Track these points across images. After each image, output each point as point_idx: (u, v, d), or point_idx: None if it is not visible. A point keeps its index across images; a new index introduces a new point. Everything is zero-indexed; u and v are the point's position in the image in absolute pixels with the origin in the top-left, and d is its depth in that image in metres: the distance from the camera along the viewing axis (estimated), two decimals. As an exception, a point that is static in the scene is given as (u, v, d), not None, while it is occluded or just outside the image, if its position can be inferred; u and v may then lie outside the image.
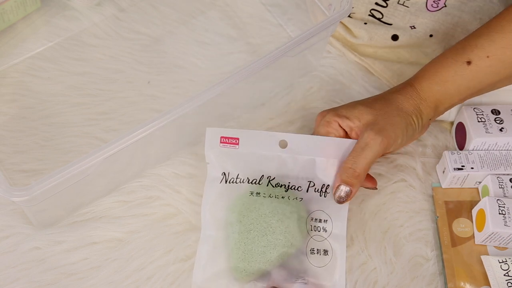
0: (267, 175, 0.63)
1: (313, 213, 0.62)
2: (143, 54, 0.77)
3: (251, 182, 0.63)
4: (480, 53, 0.62)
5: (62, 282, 0.62)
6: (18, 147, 0.69)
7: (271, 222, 0.60)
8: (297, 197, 0.62)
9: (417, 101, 0.64)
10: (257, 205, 0.61)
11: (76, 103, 0.73)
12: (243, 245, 0.60)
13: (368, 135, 0.61)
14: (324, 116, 0.65)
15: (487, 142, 0.68)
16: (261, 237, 0.60)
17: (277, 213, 0.61)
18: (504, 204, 0.63)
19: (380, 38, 0.77)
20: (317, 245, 0.61)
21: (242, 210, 0.61)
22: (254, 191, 0.62)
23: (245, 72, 0.63)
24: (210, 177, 0.63)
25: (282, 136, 0.63)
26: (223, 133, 0.63)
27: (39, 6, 0.79)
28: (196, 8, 0.82)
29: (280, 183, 0.63)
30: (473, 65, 0.62)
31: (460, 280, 0.63)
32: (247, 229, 0.60)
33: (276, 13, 0.82)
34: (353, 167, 0.61)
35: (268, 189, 0.62)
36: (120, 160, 0.63)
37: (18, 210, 0.65)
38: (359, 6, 0.75)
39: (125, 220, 0.65)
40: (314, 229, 0.62)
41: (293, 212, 0.61)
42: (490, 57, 0.62)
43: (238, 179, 0.63)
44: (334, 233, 0.62)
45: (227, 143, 0.63)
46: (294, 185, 0.63)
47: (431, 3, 0.73)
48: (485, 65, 0.62)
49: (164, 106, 0.73)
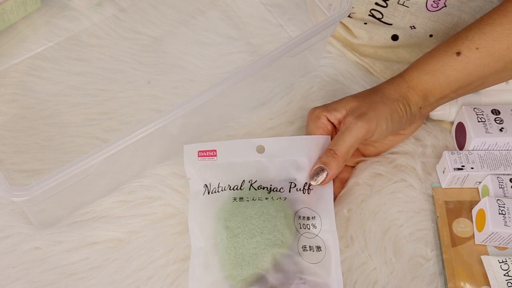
0: (248, 179, 0.64)
1: (299, 211, 0.63)
2: (143, 54, 0.77)
3: (233, 189, 0.63)
4: (470, 45, 0.63)
5: (62, 282, 0.62)
6: (18, 147, 0.69)
7: (257, 223, 0.61)
8: (280, 197, 0.63)
9: (405, 89, 0.65)
10: (241, 209, 0.62)
11: (76, 103, 0.73)
12: (234, 250, 0.60)
13: (349, 119, 0.63)
14: (314, 111, 0.67)
15: (487, 142, 0.68)
16: (249, 239, 0.60)
17: (263, 213, 0.61)
18: (504, 204, 0.63)
19: (380, 38, 0.77)
20: (308, 242, 0.62)
21: (227, 217, 0.61)
22: (237, 197, 0.63)
23: (245, 72, 0.63)
24: (193, 192, 0.64)
25: (259, 142, 0.65)
26: (200, 147, 0.64)
27: (39, 6, 0.79)
28: (196, 8, 0.82)
29: (262, 186, 0.64)
30: (462, 56, 0.63)
31: (460, 280, 0.63)
32: (234, 234, 0.60)
33: (276, 13, 0.82)
34: (333, 148, 0.63)
35: (250, 192, 0.63)
36: (120, 160, 0.63)
37: (18, 210, 0.65)
38: (359, 6, 0.75)
39: (125, 220, 0.65)
40: (303, 227, 0.62)
41: (279, 210, 0.61)
42: (480, 49, 0.62)
43: (219, 188, 0.63)
44: (324, 229, 0.62)
45: (205, 156, 0.64)
46: (276, 187, 0.64)
47: (431, 3, 0.73)
48: (475, 56, 0.63)
49: (164, 106, 0.73)
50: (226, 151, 0.64)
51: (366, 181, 0.69)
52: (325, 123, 0.66)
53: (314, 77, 0.77)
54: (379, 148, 0.70)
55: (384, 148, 0.71)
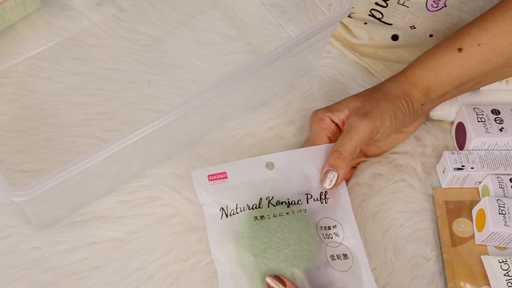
0: (265, 197, 0.63)
1: (320, 222, 0.62)
2: (143, 54, 0.77)
3: (252, 208, 0.62)
4: (472, 41, 0.63)
5: (62, 282, 0.62)
6: (18, 147, 0.69)
7: (282, 236, 0.60)
8: (300, 210, 0.62)
9: (406, 86, 0.65)
10: (263, 224, 0.61)
11: (76, 103, 0.73)
12: (263, 266, 0.59)
13: (353, 119, 0.63)
14: (316, 114, 0.67)
15: (487, 142, 0.68)
16: (277, 252, 0.59)
17: (285, 225, 0.60)
18: (504, 204, 0.63)
19: (380, 38, 0.77)
20: (335, 251, 0.61)
21: (250, 234, 0.60)
22: (258, 215, 0.61)
23: (245, 72, 0.63)
24: (209, 217, 0.62)
25: (267, 158, 0.64)
26: (209, 171, 0.63)
27: (39, 6, 0.79)
28: (196, 8, 0.82)
29: (280, 201, 0.63)
30: (464, 52, 0.63)
31: (460, 280, 0.63)
32: (261, 250, 0.59)
33: (276, 13, 0.82)
34: (339, 149, 0.62)
35: (270, 209, 0.62)
36: (120, 160, 0.63)
37: (18, 210, 0.65)
38: (359, 6, 0.75)
39: (125, 220, 0.65)
40: (326, 236, 0.62)
41: (301, 221, 0.61)
42: (481, 45, 0.63)
43: (238, 209, 0.62)
44: (347, 236, 0.62)
45: (216, 179, 0.63)
46: (294, 200, 0.63)
47: (431, 3, 0.73)
48: (476, 52, 0.63)
49: (164, 106, 0.73)
50: (236, 171, 0.63)
51: (366, 181, 0.69)
52: (329, 124, 0.66)
53: (314, 77, 0.77)
54: (382, 147, 0.70)
55: (386, 147, 0.70)
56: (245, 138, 0.72)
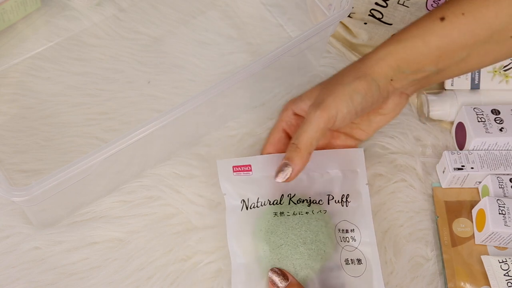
0: (287, 193, 0.63)
1: (338, 224, 0.62)
2: (143, 54, 0.77)
3: (273, 203, 0.62)
4: (455, 10, 0.59)
5: (62, 282, 0.62)
6: (18, 147, 0.69)
7: (299, 233, 0.60)
8: (320, 210, 0.62)
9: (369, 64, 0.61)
10: (282, 220, 0.61)
11: (76, 103, 0.73)
12: (277, 262, 0.59)
13: (309, 110, 0.61)
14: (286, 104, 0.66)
15: (487, 142, 0.68)
16: (293, 249, 0.59)
17: (304, 223, 0.60)
18: (504, 204, 0.63)
19: (380, 38, 0.77)
20: (350, 255, 0.61)
21: (268, 228, 0.61)
22: (278, 211, 0.62)
23: (245, 72, 0.62)
24: (229, 207, 0.63)
25: None
26: (234, 162, 0.64)
27: (39, 6, 0.79)
28: (196, 8, 0.82)
29: (301, 199, 0.63)
30: (446, 21, 0.59)
31: (460, 280, 0.63)
32: (277, 245, 0.60)
33: (276, 13, 0.82)
34: (295, 142, 0.60)
35: (290, 207, 0.62)
36: (120, 160, 0.63)
37: (18, 210, 0.65)
38: (359, 6, 0.75)
39: (125, 220, 0.65)
40: (343, 240, 0.62)
41: (319, 220, 0.61)
42: (466, 14, 0.58)
43: (259, 203, 0.62)
44: (364, 241, 0.62)
45: (240, 171, 0.63)
46: (315, 199, 0.63)
47: (431, 3, 0.73)
48: (459, 22, 0.59)
49: (164, 106, 0.73)
50: (261, 165, 0.64)
51: (366, 181, 0.69)
52: (290, 116, 0.64)
53: (314, 77, 0.77)
54: (367, 130, 0.67)
55: (371, 130, 0.67)
56: (245, 138, 0.72)
